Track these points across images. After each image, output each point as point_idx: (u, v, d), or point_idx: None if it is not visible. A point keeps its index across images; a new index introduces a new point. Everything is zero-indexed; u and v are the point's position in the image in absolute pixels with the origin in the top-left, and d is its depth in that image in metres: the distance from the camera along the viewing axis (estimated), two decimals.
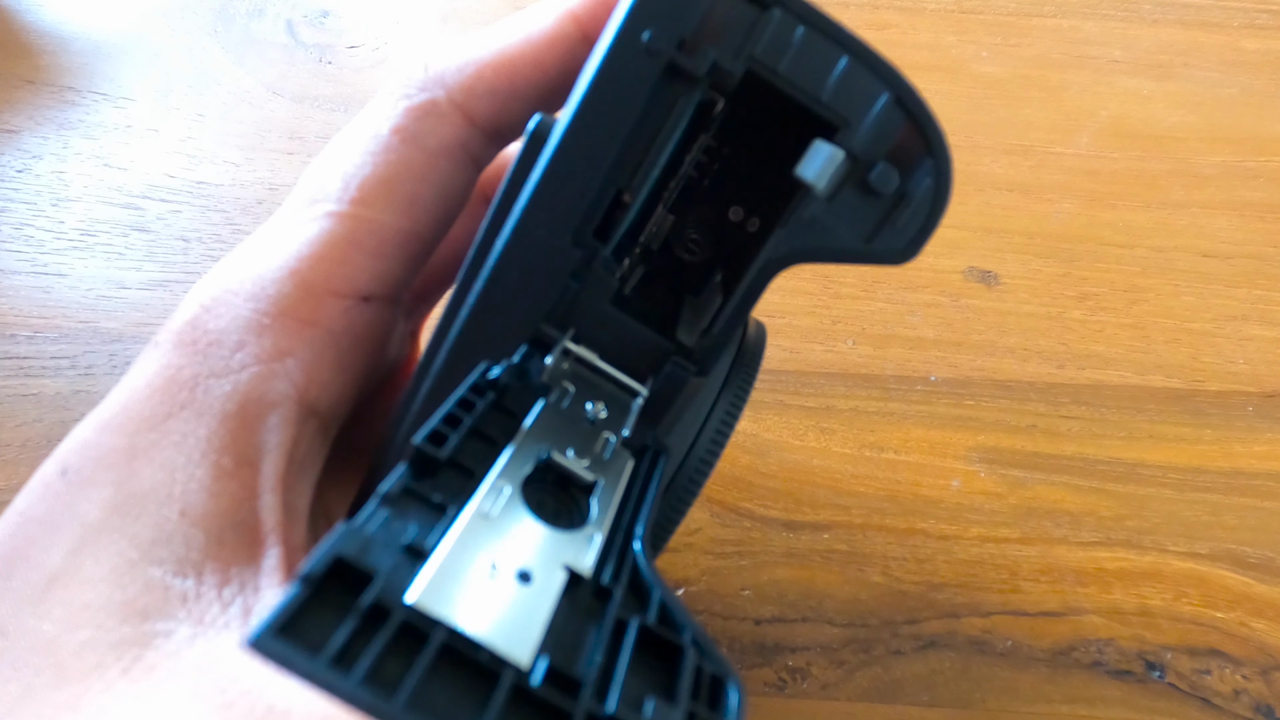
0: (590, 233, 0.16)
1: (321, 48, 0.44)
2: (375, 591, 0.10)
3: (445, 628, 0.10)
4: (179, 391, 0.16)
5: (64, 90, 0.41)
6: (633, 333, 0.17)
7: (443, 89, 0.18)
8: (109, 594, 0.13)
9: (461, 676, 0.10)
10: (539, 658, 0.11)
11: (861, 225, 0.16)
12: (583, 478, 0.14)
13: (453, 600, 0.11)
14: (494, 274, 0.16)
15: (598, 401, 0.16)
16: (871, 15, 0.46)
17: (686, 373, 0.16)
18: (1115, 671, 0.30)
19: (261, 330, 0.16)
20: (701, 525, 0.32)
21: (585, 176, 0.16)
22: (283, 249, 0.17)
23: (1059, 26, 0.47)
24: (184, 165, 0.39)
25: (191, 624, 0.13)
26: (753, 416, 0.34)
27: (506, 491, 0.13)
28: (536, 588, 0.12)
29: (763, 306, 0.37)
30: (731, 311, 0.17)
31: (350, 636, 0.10)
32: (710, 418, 0.18)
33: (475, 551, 0.12)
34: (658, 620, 0.12)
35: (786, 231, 0.16)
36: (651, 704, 0.11)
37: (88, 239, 0.36)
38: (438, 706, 0.09)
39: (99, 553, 0.14)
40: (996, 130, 0.43)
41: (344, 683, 0.09)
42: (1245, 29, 0.47)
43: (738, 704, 0.11)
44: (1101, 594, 0.31)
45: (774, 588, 0.31)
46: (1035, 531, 0.32)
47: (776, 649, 0.30)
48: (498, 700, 0.10)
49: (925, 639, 0.30)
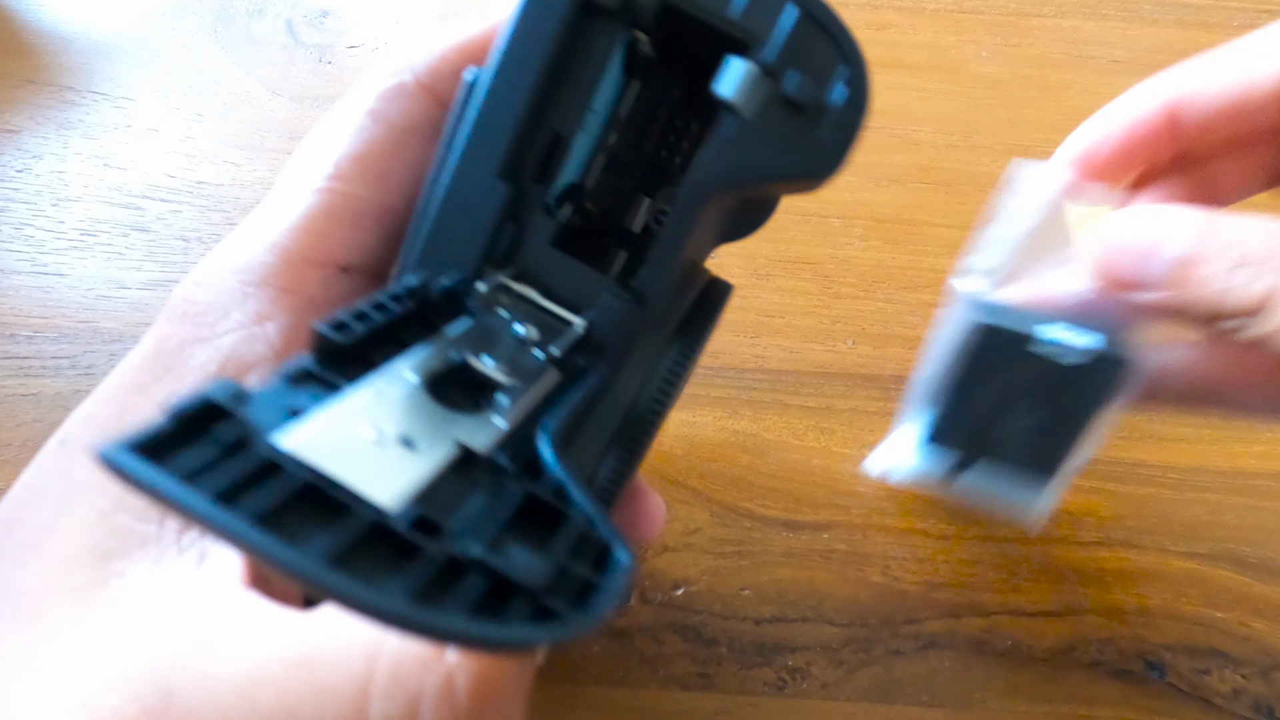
0: (517, 167, 0.17)
1: (321, 48, 0.44)
2: (239, 429, 0.10)
3: (310, 468, 0.10)
4: (166, 357, 0.17)
5: (64, 90, 0.41)
6: (573, 271, 0.17)
7: (411, 73, 0.19)
8: (79, 542, 0.15)
9: (320, 512, 0.10)
10: (407, 506, 0.11)
11: (784, 140, 0.16)
12: (495, 378, 0.14)
13: (326, 451, 0.11)
14: (437, 215, 0.17)
15: (529, 325, 0.16)
16: (871, 15, 0.46)
17: (622, 300, 0.17)
18: (1115, 671, 0.30)
19: (245, 298, 0.17)
20: (701, 525, 0.32)
21: (507, 111, 0.16)
22: (268, 225, 0.18)
23: (1059, 26, 0.47)
24: (184, 165, 0.39)
25: (148, 564, 0.15)
26: (753, 416, 0.34)
27: (410, 378, 0.13)
28: (420, 454, 0.12)
29: (763, 306, 0.37)
30: (665, 240, 0.17)
31: (207, 462, 0.10)
32: (661, 361, 0.18)
33: (361, 419, 0.12)
34: (550, 494, 0.12)
35: (710, 154, 0.16)
36: (521, 552, 0.11)
37: (88, 239, 0.36)
38: (285, 530, 0.09)
39: (78, 507, 0.15)
40: (996, 130, 0.43)
41: (191, 497, 0.09)
42: (1245, 29, 0.46)
43: (625, 565, 0.11)
44: (1101, 594, 0.31)
45: (774, 587, 0.31)
46: (1035, 531, 0.32)
47: (776, 649, 0.30)
48: (349, 530, 0.10)
49: (925, 639, 0.30)
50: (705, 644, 0.30)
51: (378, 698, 0.13)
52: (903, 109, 0.43)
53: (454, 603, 0.10)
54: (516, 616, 0.10)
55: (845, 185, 0.40)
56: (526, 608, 0.10)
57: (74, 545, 0.15)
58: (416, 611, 0.09)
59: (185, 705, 0.13)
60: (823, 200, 0.40)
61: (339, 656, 0.13)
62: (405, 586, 0.09)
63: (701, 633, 0.30)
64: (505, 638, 0.09)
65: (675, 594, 0.31)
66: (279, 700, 0.13)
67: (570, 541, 0.11)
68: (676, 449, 0.33)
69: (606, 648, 0.29)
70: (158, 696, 0.13)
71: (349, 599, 0.09)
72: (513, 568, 0.10)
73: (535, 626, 0.10)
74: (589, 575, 0.11)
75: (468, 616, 0.09)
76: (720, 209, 0.18)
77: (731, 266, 0.37)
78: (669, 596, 0.31)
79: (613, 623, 0.30)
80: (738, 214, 0.23)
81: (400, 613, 0.09)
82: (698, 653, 0.30)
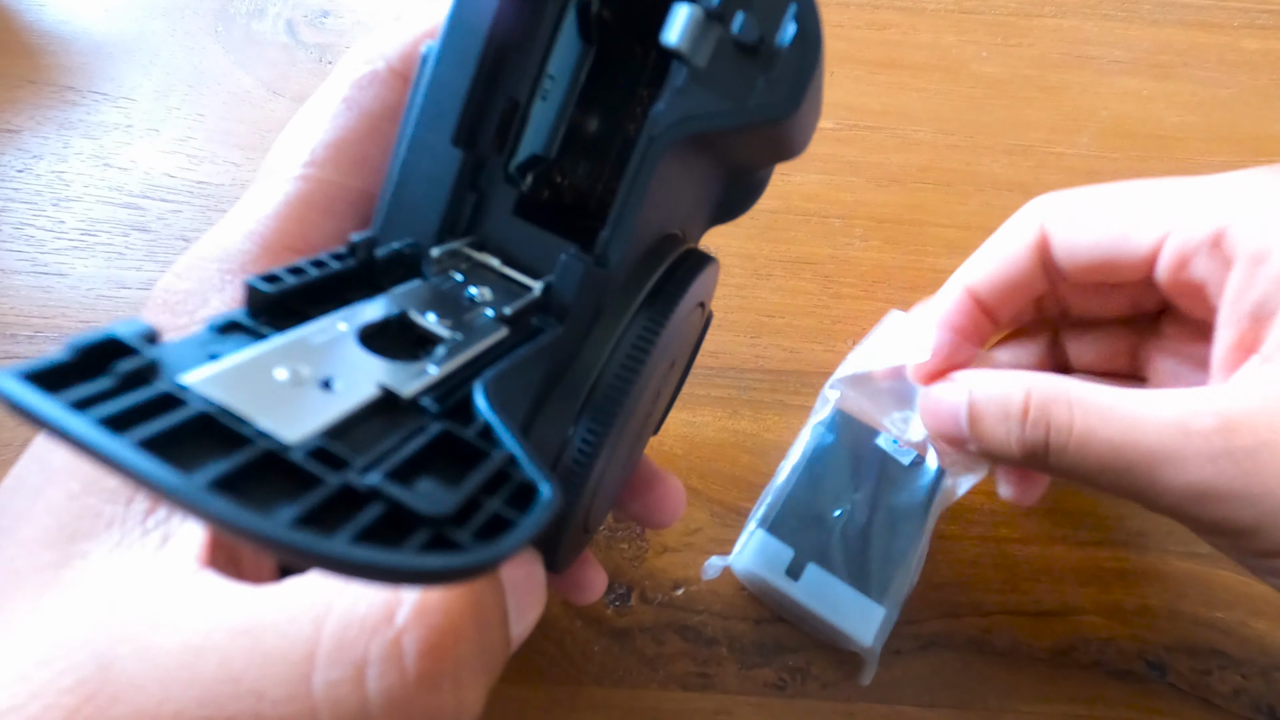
0: (474, 135, 0.17)
1: (321, 48, 0.44)
2: (137, 362, 0.10)
3: (209, 401, 0.10)
4: None
5: (65, 90, 0.41)
6: (535, 239, 0.17)
7: (384, 60, 0.19)
8: (47, 524, 0.15)
9: (216, 444, 0.10)
10: (310, 440, 0.10)
11: (736, 84, 0.16)
12: (436, 332, 0.14)
13: (231, 388, 0.10)
14: (395, 185, 0.17)
15: (484, 288, 0.16)
16: (871, 15, 0.46)
17: (582, 261, 0.16)
18: (1115, 671, 0.30)
19: (224, 285, 0.17)
20: (701, 525, 0.32)
21: (457, 77, 0.16)
22: (247, 215, 0.18)
23: (1059, 27, 0.47)
24: (184, 165, 0.39)
25: (110, 545, 0.15)
26: (753, 416, 0.34)
27: (342, 328, 0.13)
28: (337, 394, 0.11)
29: (763, 306, 0.37)
30: (622, 197, 0.16)
31: (101, 392, 0.10)
32: (630, 329, 0.18)
33: (279, 362, 0.11)
34: (473, 435, 0.12)
35: (664, 104, 0.16)
36: (427, 483, 0.10)
37: (88, 239, 0.36)
38: (172, 457, 0.09)
39: (51, 491, 0.15)
40: (996, 130, 0.43)
41: (73, 421, 0.09)
42: (1245, 29, 0.47)
43: (545, 501, 0.11)
44: (1101, 594, 0.31)
45: None
46: (1035, 531, 0.32)
47: (776, 649, 0.30)
48: (240, 459, 0.10)
49: (925, 639, 0.30)
50: (705, 644, 0.30)
51: (323, 663, 0.13)
52: (903, 109, 0.43)
53: (345, 531, 0.09)
54: (412, 546, 0.09)
55: (845, 185, 0.40)
56: (425, 538, 0.09)
57: (42, 528, 0.15)
58: (296, 535, 0.09)
59: (124, 676, 0.13)
60: (823, 200, 0.40)
61: (285, 623, 0.13)
62: (292, 513, 0.09)
63: (702, 633, 0.30)
64: (392, 563, 0.09)
65: (675, 594, 0.31)
66: (222, 668, 0.13)
67: (485, 477, 0.11)
68: (677, 449, 0.33)
69: (606, 648, 0.30)
70: (96, 668, 0.13)
71: (226, 521, 0.09)
72: (412, 497, 0.10)
73: (429, 555, 0.09)
74: (502, 510, 0.10)
75: (352, 541, 0.09)
76: (688, 170, 0.18)
77: (732, 266, 0.37)
78: (669, 596, 0.31)
79: (613, 621, 0.30)
80: (723, 190, 0.22)
81: (277, 535, 0.09)
82: (698, 653, 0.30)
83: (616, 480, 0.23)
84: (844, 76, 0.44)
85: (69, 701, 0.12)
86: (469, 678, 0.14)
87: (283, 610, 0.13)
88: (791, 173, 0.40)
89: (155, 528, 0.15)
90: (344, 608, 0.13)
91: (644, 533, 0.32)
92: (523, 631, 0.17)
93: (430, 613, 0.13)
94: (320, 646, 0.13)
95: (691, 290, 0.19)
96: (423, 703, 0.13)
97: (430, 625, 0.13)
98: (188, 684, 0.12)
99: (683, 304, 0.19)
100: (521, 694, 0.28)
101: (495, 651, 0.15)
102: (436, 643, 0.13)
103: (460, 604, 0.14)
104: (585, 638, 0.30)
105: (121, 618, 0.13)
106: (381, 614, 0.13)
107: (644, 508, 0.26)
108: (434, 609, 0.14)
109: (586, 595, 0.26)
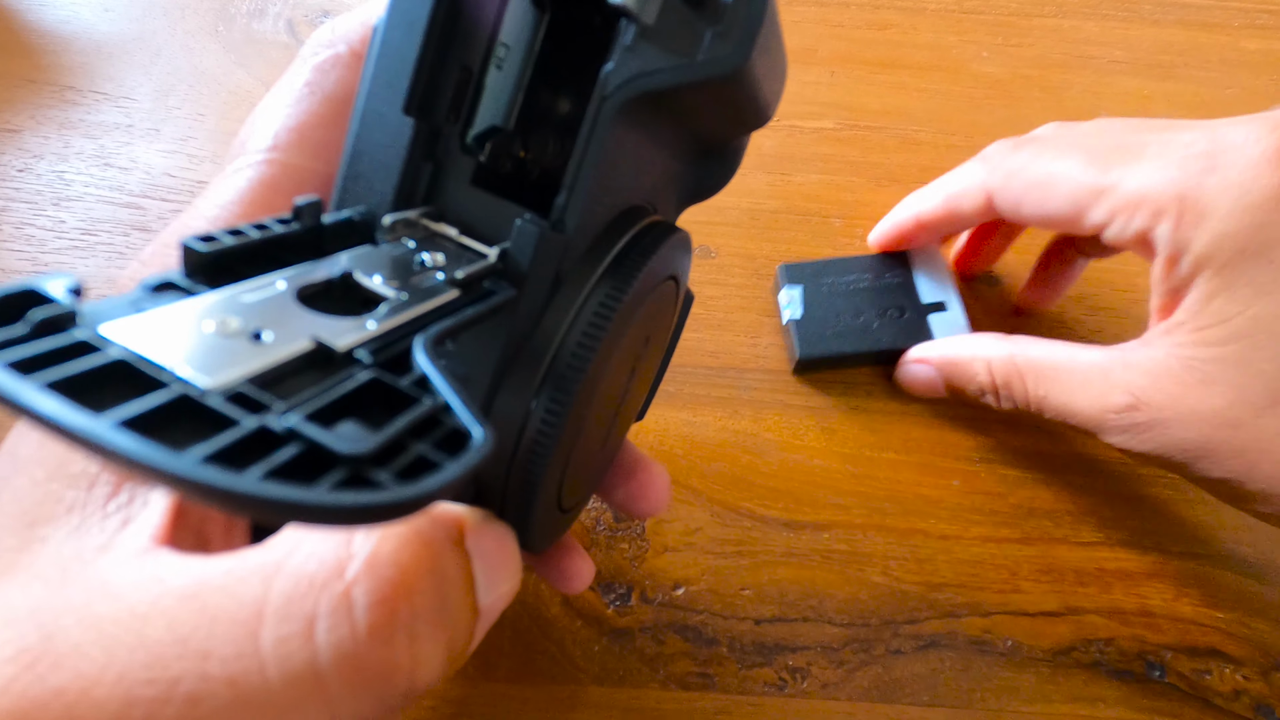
0: (427, 104, 0.17)
1: None
2: (53, 310, 0.10)
3: (125, 349, 0.10)
4: None
5: (65, 90, 0.41)
6: (493, 207, 0.17)
7: (345, 43, 0.20)
8: (10, 510, 0.15)
9: (130, 389, 0.10)
10: (230, 386, 0.10)
11: (685, 39, 0.15)
12: (380, 293, 0.14)
13: (152, 337, 0.10)
14: (349, 156, 0.17)
15: (436, 253, 0.16)
16: (872, 15, 0.46)
17: (537, 225, 0.16)
18: (1115, 671, 0.30)
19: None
20: (701, 525, 0.32)
21: (405, 43, 0.16)
22: (211, 201, 0.18)
23: (1059, 26, 0.47)
24: (184, 165, 0.39)
25: (70, 529, 0.14)
26: (753, 416, 0.34)
27: (280, 286, 0.13)
28: (265, 345, 0.11)
29: (764, 306, 0.37)
30: (576, 159, 0.16)
31: (9, 339, 0.10)
32: (590, 298, 0.17)
33: (207, 315, 0.11)
34: (407, 384, 0.11)
35: (614, 64, 0.16)
36: (348, 425, 0.10)
37: (88, 238, 0.37)
38: (86, 401, 0.09)
39: (17, 479, 0.15)
40: (997, 130, 0.43)
41: None
42: (1245, 29, 0.47)
43: (477, 444, 0.10)
44: (1101, 594, 0.31)
45: (774, 587, 0.31)
46: (1035, 531, 0.33)
47: (777, 649, 0.30)
48: (154, 401, 0.09)
49: (925, 639, 0.30)
50: (706, 644, 0.30)
51: (271, 619, 0.13)
52: (903, 109, 0.43)
53: (256, 468, 0.09)
54: (326, 484, 0.09)
55: (845, 185, 0.40)
56: (340, 476, 0.09)
57: (6, 515, 0.15)
58: (205, 471, 0.08)
59: (68, 643, 0.12)
60: (823, 200, 0.40)
61: (233, 583, 0.13)
62: (203, 451, 0.09)
63: (702, 633, 0.30)
64: (302, 499, 0.09)
65: (675, 594, 0.31)
66: (169, 631, 0.12)
67: (413, 421, 0.11)
68: (677, 449, 0.33)
69: (606, 648, 0.30)
70: (39, 638, 0.13)
71: (133, 459, 0.08)
72: (329, 437, 0.10)
73: (344, 493, 0.09)
74: (429, 453, 0.10)
75: (262, 478, 0.09)
76: (651, 136, 0.18)
77: (732, 266, 0.37)
78: (669, 596, 0.31)
79: (614, 621, 0.30)
80: (697, 165, 0.22)
81: (185, 472, 0.08)
82: (698, 653, 0.30)
83: (595, 461, 0.23)
84: (844, 76, 0.44)
85: (9, 670, 0.12)
86: (425, 631, 0.14)
87: (232, 573, 0.13)
88: (791, 173, 0.41)
89: (116, 512, 0.15)
90: (294, 566, 0.13)
91: (644, 533, 0.32)
92: (495, 602, 0.16)
93: (381, 565, 0.13)
94: (268, 604, 0.13)
95: (657, 258, 0.19)
96: (375, 656, 0.13)
97: (381, 578, 0.13)
98: (133, 648, 0.12)
99: (647, 272, 0.18)
100: (521, 694, 0.29)
101: (458, 613, 0.15)
102: (388, 594, 0.13)
103: (414, 558, 0.14)
104: (585, 638, 0.30)
105: (68, 592, 0.13)
106: (332, 569, 0.13)
107: (627, 495, 0.25)
108: (385, 562, 0.13)
109: (574, 584, 0.25)
